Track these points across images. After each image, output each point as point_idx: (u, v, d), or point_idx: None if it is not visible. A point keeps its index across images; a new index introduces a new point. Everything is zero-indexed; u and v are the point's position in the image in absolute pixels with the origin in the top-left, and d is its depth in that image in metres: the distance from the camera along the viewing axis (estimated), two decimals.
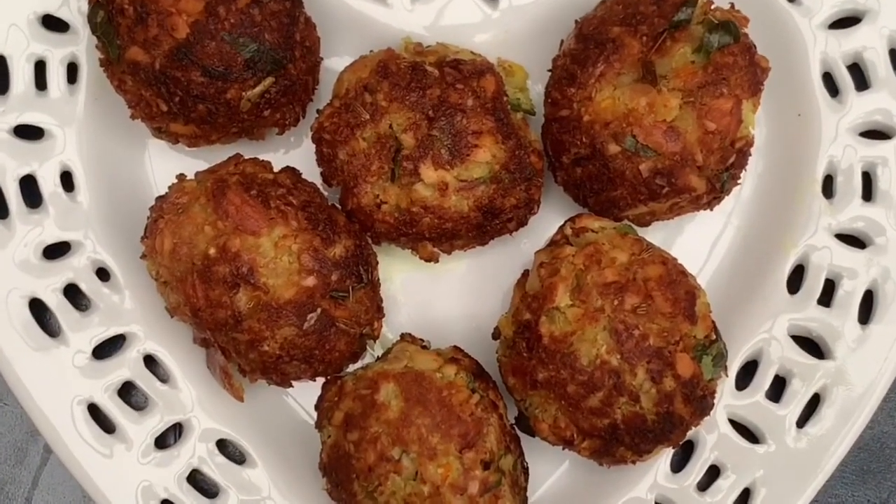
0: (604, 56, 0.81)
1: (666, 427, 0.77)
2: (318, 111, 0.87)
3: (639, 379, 0.76)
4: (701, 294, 0.79)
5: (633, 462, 0.80)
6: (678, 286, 0.77)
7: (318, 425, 0.84)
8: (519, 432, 0.84)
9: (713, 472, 0.89)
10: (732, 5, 0.83)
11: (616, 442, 0.78)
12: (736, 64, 0.79)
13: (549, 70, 0.88)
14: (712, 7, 0.81)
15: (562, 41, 0.87)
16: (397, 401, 0.79)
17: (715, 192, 0.83)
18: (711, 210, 0.87)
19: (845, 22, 0.91)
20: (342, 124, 0.84)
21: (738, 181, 0.86)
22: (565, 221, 0.82)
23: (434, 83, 0.82)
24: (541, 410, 0.80)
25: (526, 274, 0.82)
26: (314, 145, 0.87)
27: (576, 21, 0.86)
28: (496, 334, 0.84)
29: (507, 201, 0.84)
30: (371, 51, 0.88)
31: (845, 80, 0.90)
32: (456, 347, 0.86)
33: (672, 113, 0.80)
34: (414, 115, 0.82)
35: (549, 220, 0.92)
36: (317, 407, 0.85)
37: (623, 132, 0.80)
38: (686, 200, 0.83)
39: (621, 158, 0.81)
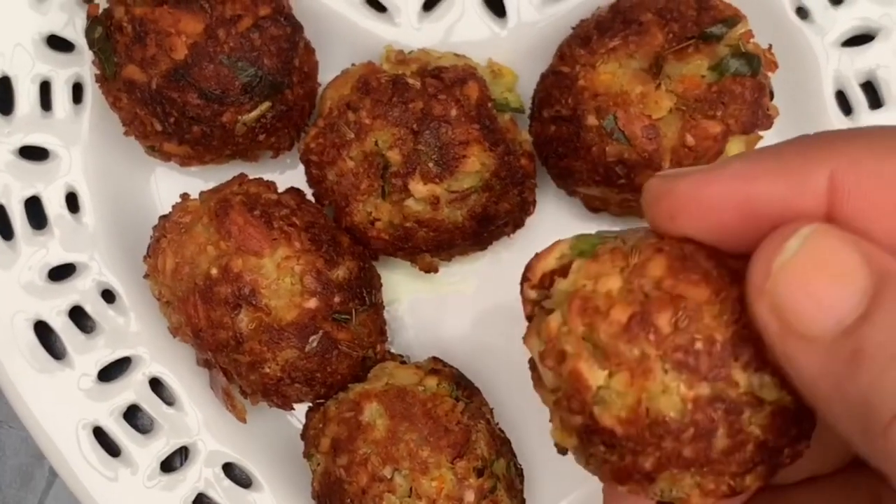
0: (624, 33, 0.81)
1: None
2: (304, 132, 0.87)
3: (743, 382, 0.55)
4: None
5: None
6: (693, 262, 0.55)
7: (306, 454, 0.83)
8: None
9: None
10: (770, 47, 0.82)
11: (776, 452, 0.59)
12: (742, 96, 0.78)
13: (573, 27, 0.87)
14: (750, 39, 0.79)
15: (598, 7, 0.87)
16: (382, 419, 0.78)
17: None
18: None
19: (858, 40, 0.90)
20: (328, 145, 0.83)
21: None
22: (521, 281, 0.62)
23: (416, 96, 0.81)
24: (679, 490, 0.61)
25: (534, 368, 0.63)
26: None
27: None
28: (562, 450, 0.65)
29: (500, 207, 0.84)
30: (353, 64, 0.87)
31: (858, 98, 0.89)
32: (435, 358, 0.86)
33: (660, 112, 0.79)
34: (398, 130, 0.81)
35: (546, 218, 0.93)
36: (302, 436, 0.85)
37: (607, 109, 0.80)
38: (637, 202, 0.82)
39: (594, 133, 0.81)
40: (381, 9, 0.92)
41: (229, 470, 0.90)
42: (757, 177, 0.47)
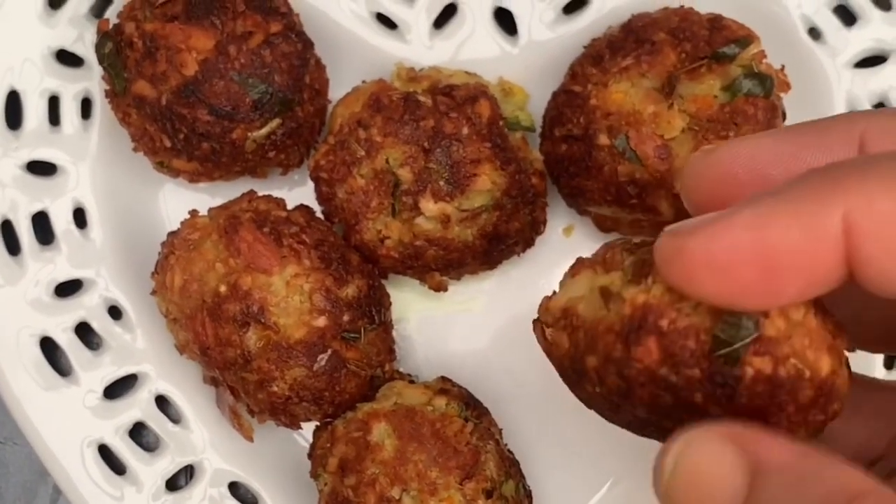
0: (637, 53, 0.81)
1: None
2: (313, 149, 0.86)
3: None
4: None
5: None
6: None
7: (313, 474, 0.83)
8: None
9: None
10: (783, 67, 0.81)
11: None
12: (754, 117, 0.78)
13: (585, 46, 0.87)
14: (762, 60, 0.79)
15: (609, 26, 0.86)
16: (391, 439, 0.77)
17: None
18: None
19: (871, 61, 0.89)
20: (338, 162, 0.83)
21: None
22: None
23: (427, 114, 0.81)
24: None
25: None
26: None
27: (632, 15, 0.86)
28: None
29: (511, 226, 0.83)
30: (363, 81, 0.87)
31: None
32: (444, 378, 0.85)
33: (672, 132, 0.78)
34: (409, 148, 0.81)
35: (557, 238, 0.93)
36: (310, 456, 0.84)
37: (619, 129, 0.79)
38: (649, 222, 0.82)
39: (606, 153, 0.80)
40: (392, 26, 0.91)
41: (235, 489, 0.89)
42: (769, 224, 0.43)
